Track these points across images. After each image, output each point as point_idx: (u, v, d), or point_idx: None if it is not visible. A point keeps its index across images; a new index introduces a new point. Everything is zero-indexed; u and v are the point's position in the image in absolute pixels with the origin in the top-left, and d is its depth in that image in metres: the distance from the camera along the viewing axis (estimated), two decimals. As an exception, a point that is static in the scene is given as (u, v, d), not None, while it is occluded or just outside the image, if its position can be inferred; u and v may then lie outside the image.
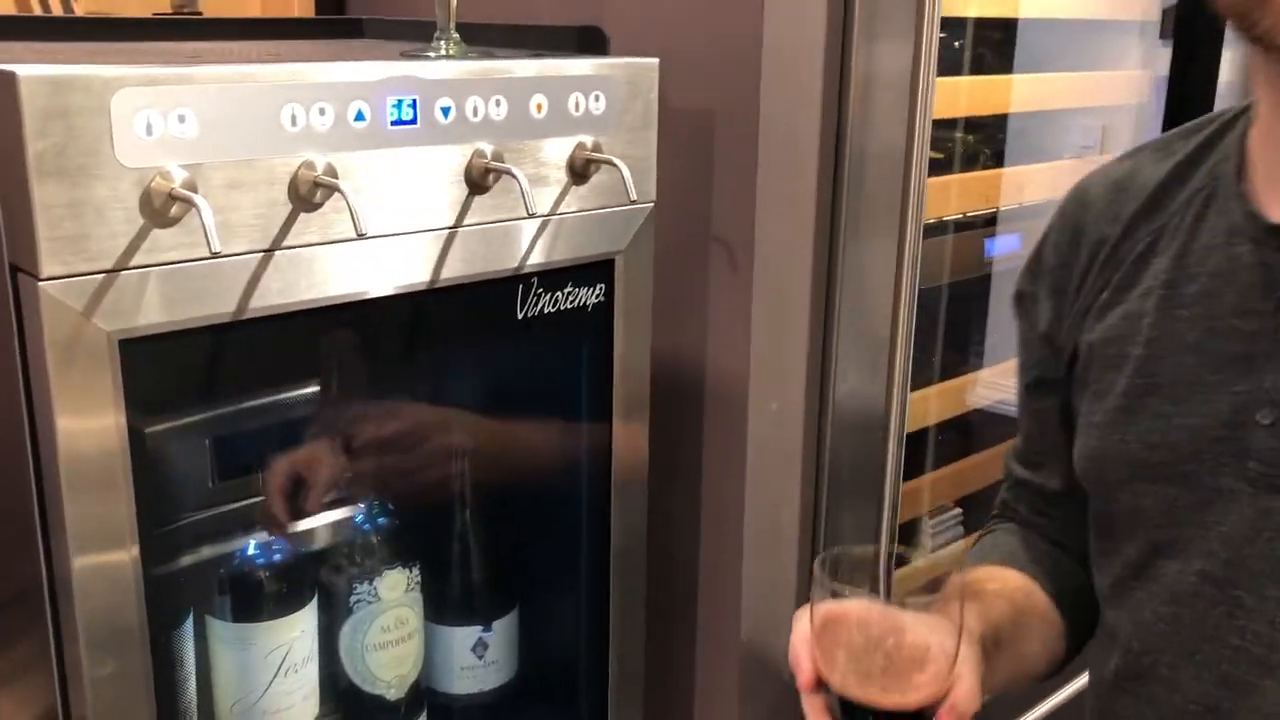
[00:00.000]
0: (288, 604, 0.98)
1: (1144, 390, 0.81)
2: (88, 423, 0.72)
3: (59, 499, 0.72)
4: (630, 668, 1.13)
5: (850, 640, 0.72)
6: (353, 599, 1.03)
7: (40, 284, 0.68)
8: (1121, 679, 0.84)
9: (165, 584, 0.84)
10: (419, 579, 1.06)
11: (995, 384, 1.71)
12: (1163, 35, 1.82)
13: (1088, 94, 1.78)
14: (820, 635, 0.72)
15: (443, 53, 0.96)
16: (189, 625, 0.94)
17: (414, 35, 1.24)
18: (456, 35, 0.97)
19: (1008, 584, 0.91)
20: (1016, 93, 1.64)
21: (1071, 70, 1.75)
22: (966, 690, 0.73)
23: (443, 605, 1.10)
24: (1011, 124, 1.74)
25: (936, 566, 0.73)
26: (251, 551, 0.98)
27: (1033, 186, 1.70)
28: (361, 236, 0.76)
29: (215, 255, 0.72)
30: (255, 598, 0.97)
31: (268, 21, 1.29)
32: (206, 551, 0.95)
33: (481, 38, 1.01)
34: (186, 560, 0.93)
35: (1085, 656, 0.94)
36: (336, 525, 1.03)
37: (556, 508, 1.11)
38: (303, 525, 1.00)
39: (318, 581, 1.01)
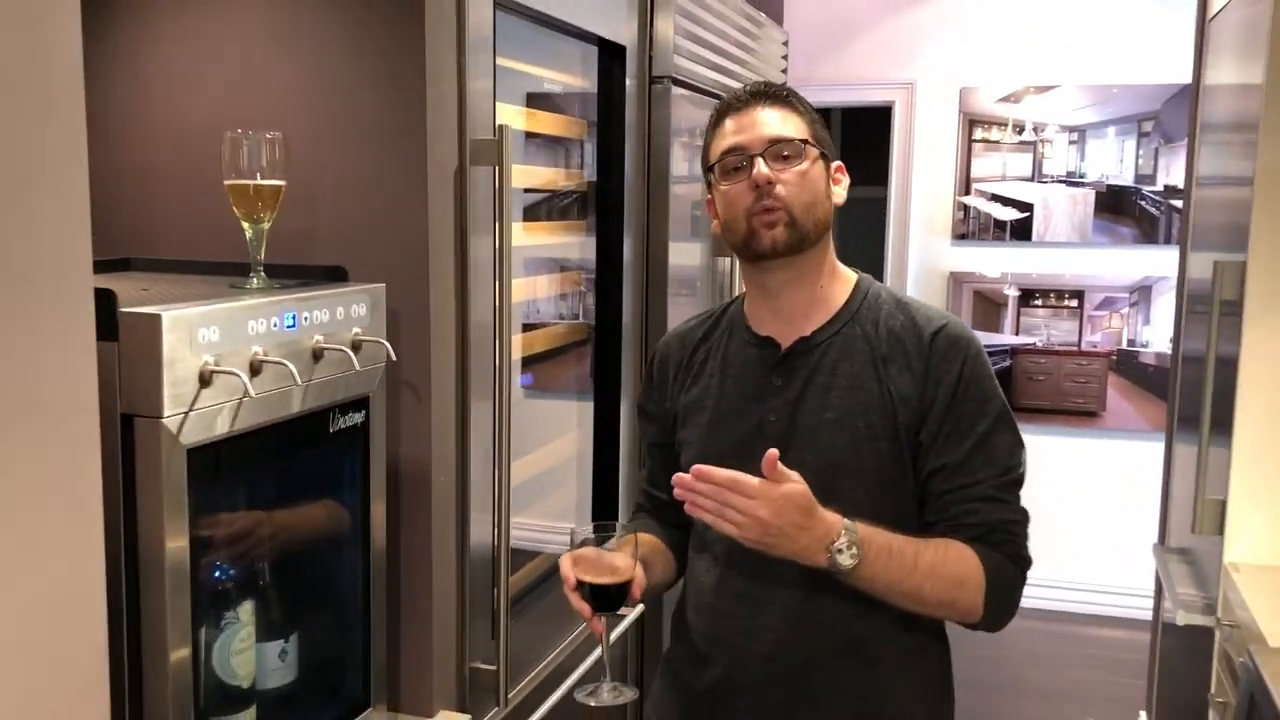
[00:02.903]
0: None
1: (717, 419, 1.75)
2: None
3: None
4: (378, 660, 1.82)
5: (587, 562, 1.58)
6: (223, 622, 1.63)
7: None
8: (718, 581, 1.74)
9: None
10: (254, 609, 1.68)
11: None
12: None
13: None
14: (573, 563, 1.58)
15: (258, 285, 1.65)
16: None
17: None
18: (264, 273, 1.67)
19: (647, 538, 1.79)
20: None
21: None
22: (640, 576, 1.60)
23: (263, 627, 1.72)
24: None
25: (624, 535, 1.62)
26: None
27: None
28: (298, 385, 1.45)
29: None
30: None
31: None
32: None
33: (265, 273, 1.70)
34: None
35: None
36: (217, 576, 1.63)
37: (330, 556, 1.79)
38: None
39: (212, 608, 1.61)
